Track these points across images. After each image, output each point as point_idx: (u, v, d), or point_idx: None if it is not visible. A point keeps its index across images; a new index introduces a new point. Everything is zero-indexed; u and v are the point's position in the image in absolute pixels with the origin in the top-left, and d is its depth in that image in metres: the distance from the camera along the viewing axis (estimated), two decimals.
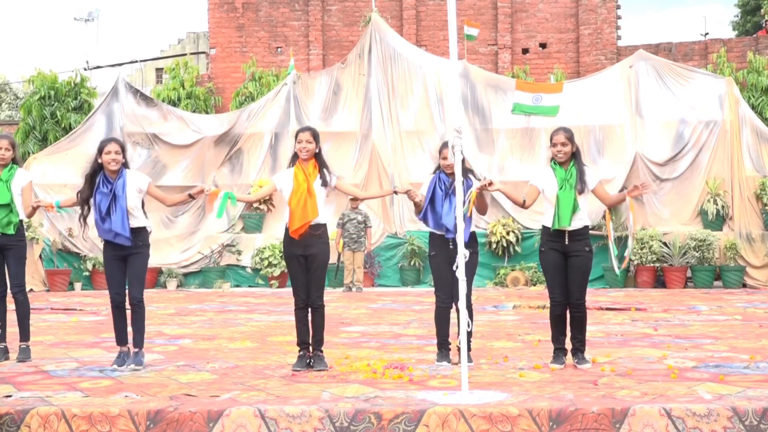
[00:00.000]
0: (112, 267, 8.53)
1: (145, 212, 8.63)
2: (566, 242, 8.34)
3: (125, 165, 8.53)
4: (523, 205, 8.55)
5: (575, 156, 8.44)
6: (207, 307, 15.23)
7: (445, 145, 8.61)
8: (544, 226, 8.52)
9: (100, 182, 8.45)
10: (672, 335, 10.81)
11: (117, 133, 20.94)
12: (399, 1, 26.42)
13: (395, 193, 9.13)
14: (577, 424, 6.21)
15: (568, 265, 8.41)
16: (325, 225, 8.49)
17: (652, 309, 14.02)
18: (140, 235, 8.50)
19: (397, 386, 7.36)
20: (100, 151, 8.47)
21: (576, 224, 8.32)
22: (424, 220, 8.66)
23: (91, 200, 8.47)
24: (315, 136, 8.47)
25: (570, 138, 8.39)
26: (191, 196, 8.54)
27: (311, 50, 26.52)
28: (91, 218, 8.47)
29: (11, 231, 9.07)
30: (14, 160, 9.23)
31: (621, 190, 19.82)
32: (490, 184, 8.19)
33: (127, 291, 8.54)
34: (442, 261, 8.54)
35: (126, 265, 8.49)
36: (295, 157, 8.50)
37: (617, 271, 10.86)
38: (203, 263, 20.60)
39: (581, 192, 8.36)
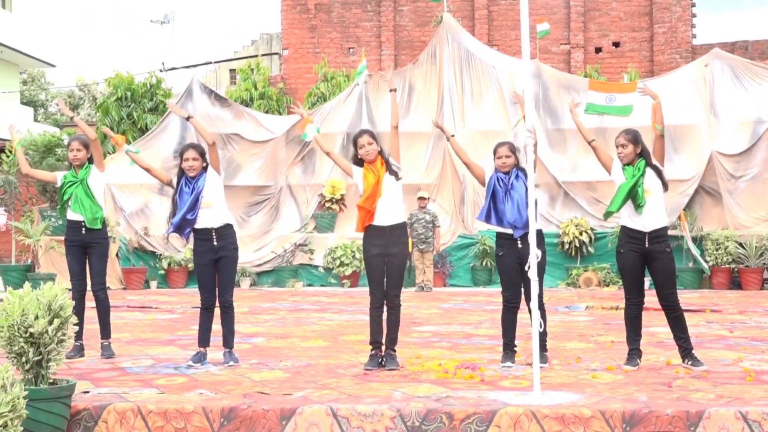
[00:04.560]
0: (204, 271, 8.69)
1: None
2: (646, 244, 8.24)
3: (205, 169, 8.71)
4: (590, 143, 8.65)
5: (642, 155, 8.35)
6: (280, 306, 15.35)
7: (499, 144, 8.72)
8: (622, 226, 8.46)
9: (182, 184, 8.67)
10: (748, 337, 10.65)
11: (191, 134, 21.20)
12: (471, 1, 26.35)
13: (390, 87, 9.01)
14: (651, 427, 6.15)
15: (652, 269, 8.32)
16: (405, 224, 8.58)
17: (728, 311, 13.82)
18: (230, 235, 8.70)
19: (469, 386, 7.37)
20: (180, 156, 8.75)
21: (655, 224, 8.23)
22: (488, 219, 8.64)
23: (176, 196, 8.69)
24: (373, 136, 8.57)
25: (631, 139, 8.32)
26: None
27: (383, 51, 26.55)
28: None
29: (98, 226, 9.30)
30: (90, 160, 9.43)
31: (696, 190, 19.64)
32: None
33: (217, 293, 8.74)
34: (511, 261, 8.52)
35: (217, 269, 8.66)
36: (357, 160, 8.60)
37: (706, 268, 10.70)
38: (276, 262, 20.76)
39: (665, 189, 8.35)
